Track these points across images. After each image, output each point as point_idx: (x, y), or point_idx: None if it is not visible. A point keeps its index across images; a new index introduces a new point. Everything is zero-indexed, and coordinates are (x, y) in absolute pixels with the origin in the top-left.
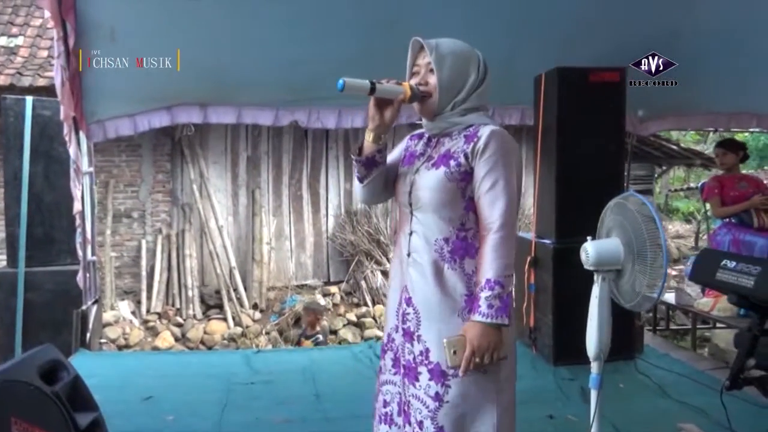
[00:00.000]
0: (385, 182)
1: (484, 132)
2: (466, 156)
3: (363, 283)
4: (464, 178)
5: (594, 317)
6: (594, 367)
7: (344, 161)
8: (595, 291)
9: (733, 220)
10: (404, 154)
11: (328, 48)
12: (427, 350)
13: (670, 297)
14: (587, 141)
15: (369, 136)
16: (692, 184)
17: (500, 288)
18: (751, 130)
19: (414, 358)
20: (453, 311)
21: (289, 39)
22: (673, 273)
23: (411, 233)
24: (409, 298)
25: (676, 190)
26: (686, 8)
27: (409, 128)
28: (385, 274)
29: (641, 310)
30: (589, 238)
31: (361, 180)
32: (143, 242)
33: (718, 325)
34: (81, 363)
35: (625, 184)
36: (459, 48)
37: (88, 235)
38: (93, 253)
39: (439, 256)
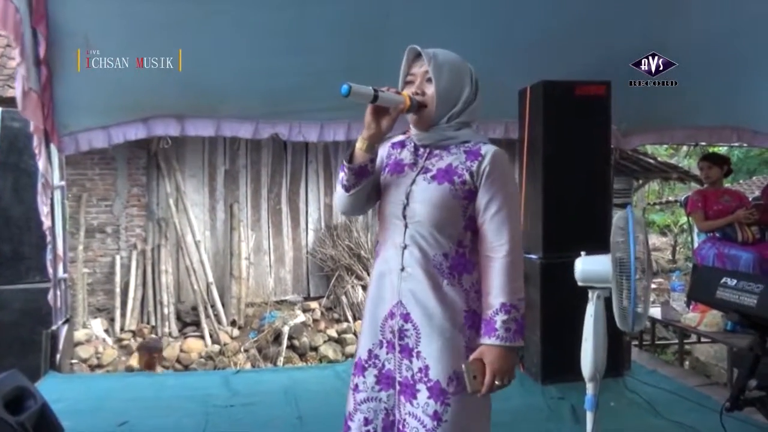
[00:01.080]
0: (370, 193)
1: (488, 152)
2: (471, 174)
3: (344, 298)
4: (467, 197)
5: (589, 337)
6: (589, 388)
7: (324, 175)
8: (590, 309)
9: (717, 234)
10: (387, 162)
11: (308, 59)
12: (427, 367)
13: (655, 312)
14: (573, 155)
15: (362, 144)
16: (671, 198)
17: (515, 311)
18: (732, 144)
19: (412, 375)
20: (454, 327)
21: (268, 49)
22: (653, 286)
23: (405, 247)
24: (407, 314)
25: (654, 204)
26: (670, 22)
27: None
28: (365, 289)
29: (637, 330)
30: (582, 253)
31: (347, 189)
32: (117, 258)
33: (703, 339)
34: (50, 386)
35: (611, 198)
36: (454, 59)
37: (59, 252)
38: (65, 270)
39: (438, 272)
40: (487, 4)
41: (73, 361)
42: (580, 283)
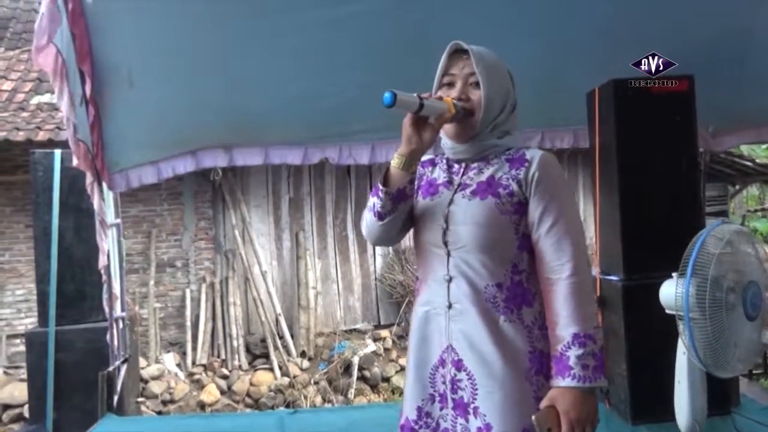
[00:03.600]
0: (405, 219)
1: (535, 157)
2: (519, 183)
3: None
4: (518, 210)
5: (683, 379)
6: None
7: None
8: (681, 345)
9: None
10: (418, 184)
11: (349, 78)
12: (488, 426)
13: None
14: (654, 161)
15: (400, 162)
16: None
17: (592, 343)
18: None
19: None
20: (517, 374)
21: (308, 71)
22: None
23: (450, 279)
24: (459, 361)
25: (755, 210)
26: (756, 7)
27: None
28: None
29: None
30: (674, 274)
31: (381, 216)
32: (187, 291)
33: None
34: (104, 430)
35: (703, 208)
36: (497, 59)
37: (116, 291)
38: (123, 309)
39: (492, 306)
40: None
41: (140, 399)
42: (668, 311)
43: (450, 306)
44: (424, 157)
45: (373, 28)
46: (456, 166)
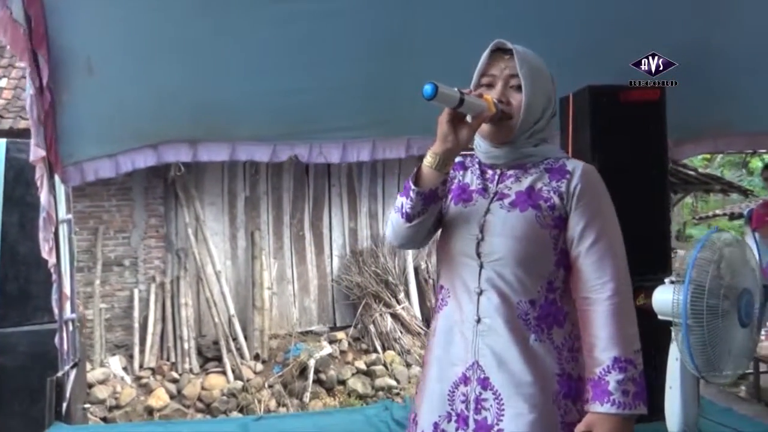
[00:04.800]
0: (435, 222)
1: (576, 168)
2: (560, 196)
3: (372, 327)
4: (557, 225)
5: (676, 384)
6: None
7: (348, 198)
8: (674, 350)
9: None
10: (448, 188)
11: (324, 75)
12: None
13: None
14: (626, 168)
15: (434, 161)
16: (718, 212)
17: (633, 368)
18: None
19: None
20: (547, 397)
21: (281, 66)
22: None
23: (481, 292)
24: (485, 379)
25: (700, 218)
26: (720, 18)
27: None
28: (394, 317)
29: (725, 381)
30: (667, 280)
31: (410, 218)
32: (135, 292)
33: None
34: None
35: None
36: (542, 63)
37: (66, 291)
38: (73, 310)
39: (524, 324)
40: (516, 7)
41: (86, 405)
42: (661, 317)
43: (479, 320)
44: (455, 160)
45: (352, 26)
46: (490, 172)
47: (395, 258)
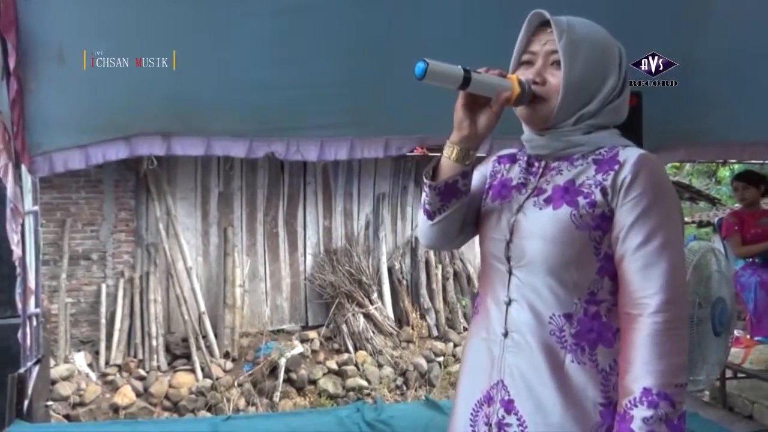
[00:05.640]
0: (463, 220)
1: (630, 157)
2: (603, 191)
3: (344, 327)
4: (600, 225)
5: None
6: None
7: (323, 197)
8: None
9: (757, 260)
10: (490, 183)
11: (304, 71)
12: None
13: None
14: None
15: (451, 152)
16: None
17: (667, 405)
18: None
19: None
20: (582, 429)
21: (260, 61)
22: None
23: (510, 302)
24: (509, 402)
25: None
26: (698, 34)
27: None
28: (367, 317)
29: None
30: None
31: (431, 215)
32: (103, 286)
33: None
34: None
35: None
36: (598, 34)
37: (31, 284)
38: (37, 305)
39: (558, 341)
40: (497, 7)
41: (49, 403)
42: None
43: (506, 334)
44: (505, 152)
45: (333, 23)
46: (536, 164)
47: (369, 258)
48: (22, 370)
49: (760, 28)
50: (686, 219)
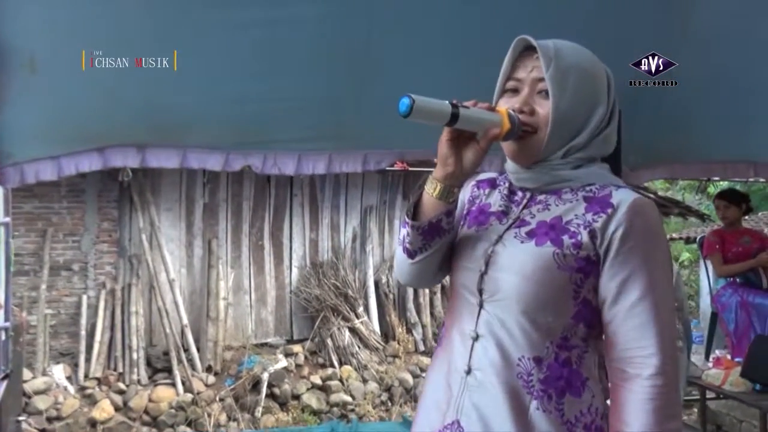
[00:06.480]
0: (445, 256)
1: (623, 201)
2: (592, 234)
3: (329, 341)
4: (583, 269)
5: None
6: None
7: (309, 209)
8: None
9: (738, 280)
10: (468, 209)
11: (281, 84)
12: None
13: None
14: None
15: (434, 189)
16: (674, 235)
17: None
18: (749, 179)
19: None
20: None
21: (236, 72)
22: None
23: (477, 338)
24: None
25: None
26: (679, 51)
27: None
28: (353, 331)
29: None
30: None
31: (412, 254)
32: (84, 298)
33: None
34: None
35: None
36: (586, 60)
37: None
38: (6, 319)
39: (524, 385)
40: (478, 26)
41: (21, 417)
42: None
43: (469, 371)
44: (485, 177)
45: (311, 36)
46: (519, 193)
47: (356, 271)
48: None
49: (742, 47)
50: (674, 235)
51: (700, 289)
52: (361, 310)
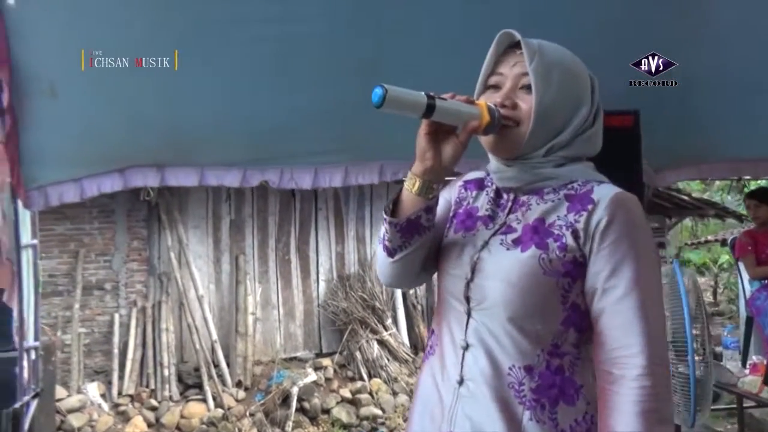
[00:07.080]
0: (427, 256)
1: (604, 196)
2: (575, 234)
3: (358, 354)
4: (570, 272)
5: None
6: None
7: (335, 222)
8: None
9: None
10: (455, 211)
11: (296, 98)
12: None
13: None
14: None
15: (413, 185)
16: (710, 237)
17: None
18: None
19: None
20: None
21: (247, 88)
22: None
23: (467, 347)
24: None
25: (691, 244)
26: (701, 49)
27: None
28: (381, 343)
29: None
30: None
31: (391, 252)
32: (116, 316)
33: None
34: None
35: None
36: (570, 59)
37: (28, 317)
38: (36, 338)
39: (516, 395)
40: (490, 33)
41: None
42: None
43: (461, 381)
44: (472, 176)
45: (321, 49)
46: (505, 196)
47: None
48: (17, 405)
49: (762, 40)
50: (710, 237)
51: (739, 292)
52: (389, 322)
